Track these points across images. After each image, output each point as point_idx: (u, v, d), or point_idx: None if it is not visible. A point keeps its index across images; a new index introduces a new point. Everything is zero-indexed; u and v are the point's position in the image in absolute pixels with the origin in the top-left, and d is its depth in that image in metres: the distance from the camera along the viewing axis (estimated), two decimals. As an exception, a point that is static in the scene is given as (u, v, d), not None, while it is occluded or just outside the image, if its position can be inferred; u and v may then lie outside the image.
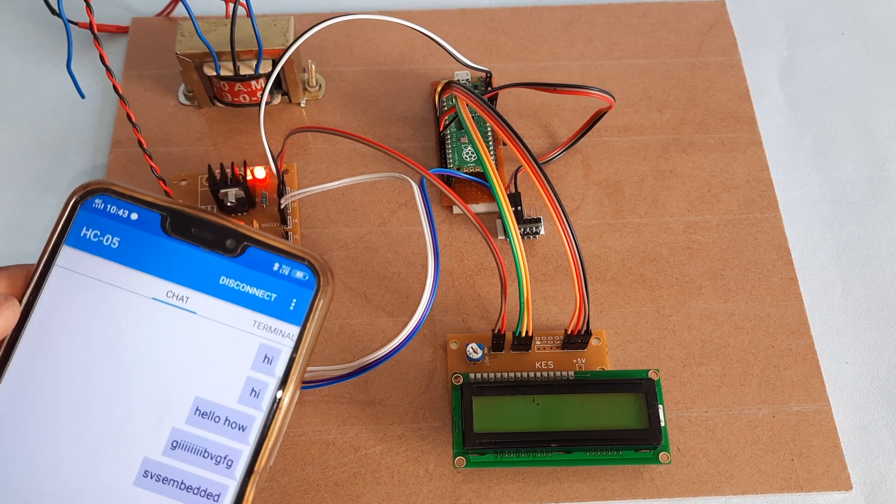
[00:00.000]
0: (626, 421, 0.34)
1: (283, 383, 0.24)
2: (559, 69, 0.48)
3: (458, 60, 0.42)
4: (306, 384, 0.36)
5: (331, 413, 0.37)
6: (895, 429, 0.38)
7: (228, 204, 0.40)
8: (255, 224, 0.41)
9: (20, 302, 0.23)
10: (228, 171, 0.40)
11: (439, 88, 0.41)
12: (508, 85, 0.41)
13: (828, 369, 0.39)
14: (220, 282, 0.24)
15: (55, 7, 0.43)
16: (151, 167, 0.38)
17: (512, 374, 0.35)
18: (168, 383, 0.24)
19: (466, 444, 0.33)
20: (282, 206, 0.40)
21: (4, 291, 0.23)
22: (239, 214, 0.41)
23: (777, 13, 0.51)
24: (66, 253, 0.24)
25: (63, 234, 0.24)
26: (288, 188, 0.42)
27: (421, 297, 0.34)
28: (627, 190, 0.43)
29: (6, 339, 0.23)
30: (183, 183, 0.42)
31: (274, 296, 0.24)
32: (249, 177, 0.41)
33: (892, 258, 0.42)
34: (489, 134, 0.43)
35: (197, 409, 0.23)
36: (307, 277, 0.24)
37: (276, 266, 0.24)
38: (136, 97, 0.46)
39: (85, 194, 0.24)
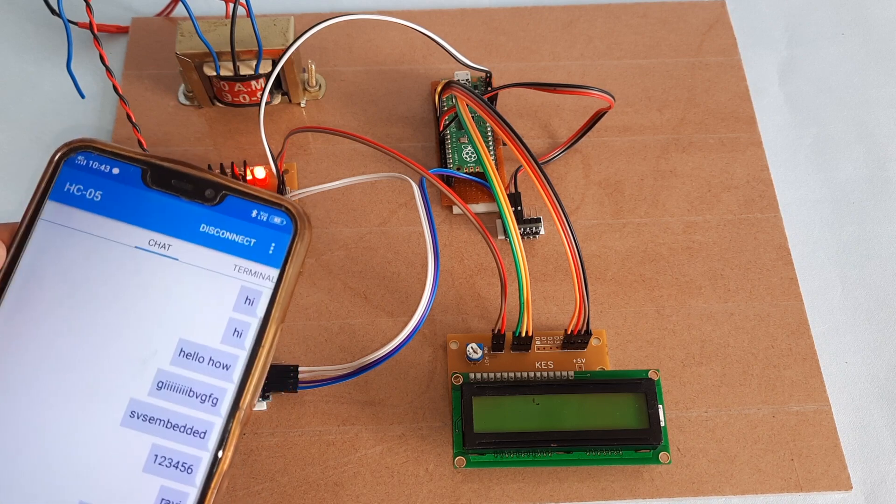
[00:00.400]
0: (625, 421, 0.34)
1: (264, 323, 0.25)
2: (559, 69, 0.48)
3: (458, 60, 0.42)
4: (306, 384, 0.36)
5: (331, 413, 0.37)
6: (895, 429, 0.38)
7: (228, 204, 0.40)
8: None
9: (6, 258, 0.24)
10: (228, 171, 0.40)
11: (439, 88, 0.41)
12: (508, 85, 0.41)
13: (828, 369, 0.39)
14: (201, 229, 0.25)
15: (55, 7, 0.43)
16: (151, 167, 0.37)
17: (512, 374, 0.35)
18: (152, 327, 0.24)
19: (466, 444, 0.33)
20: (282, 206, 0.40)
21: None
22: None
23: (777, 13, 0.51)
24: (51, 207, 0.25)
25: (47, 190, 0.25)
26: (288, 188, 0.42)
27: (421, 297, 0.35)
28: (627, 190, 0.43)
29: None
30: (183, 183, 0.42)
31: (253, 241, 0.25)
32: (249, 177, 0.41)
33: (892, 258, 0.42)
34: (489, 134, 0.43)
35: (181, 351, 0.24)
36: (284, 222, 0.25)
37: (255, 213, 0.25)
38: (136, 97, 0.46)
39: (68, 151, 0.25)
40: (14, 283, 0.25)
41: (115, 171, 0.25)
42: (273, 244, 0.25)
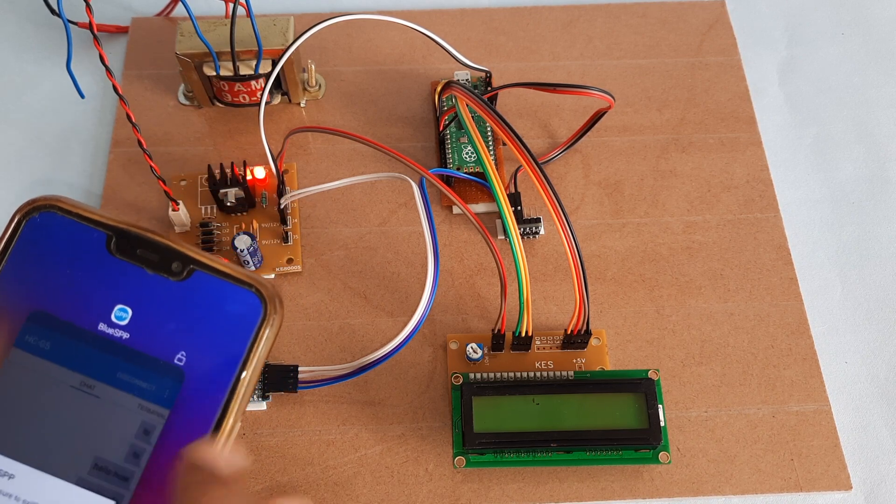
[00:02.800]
0: (625, 421, 0.34)
1: (221, 416, 0.23)
2: (559, 69, 0.48)
3: (457, 60, 0.42)
4: (306, 384, 0.36)
5: (331, 413, 0.37)
6: (895, 429, 0.38)
7: (228, 204, 0.40)
8: (256, 224, 0.41)
9: None
10: (228, 171, 0.40)
11: (439, 88, 0.41)
12: (508, 85, 0.41)
13: (827, 369, 0.39)
14: (163, 306, 0.24)
15: (55, 7, 0.43)
16: (151, 167, 0.37)
17: (512, 374, 0.35)
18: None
19: (466, 444, 0.33)
20: (281, 206, 0.40)
21: None
22: (238, 214, 0.41)
23: (777, 13, 0.51)
24: (7, 272, 0.24)
25: (5, 253, 0.24)
26: (288, 188, 0.42)
27: (421, 297, 0.35)
28: (627, 190, 0.43)
29: None
30: (183, 183, 0.42)
31: (220, 322, 0.23)
32: (249, 177, 0.41)
33: (892, 258, 0.42)
34: (489, 134, 0.43)
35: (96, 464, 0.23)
36: (254, 304, 0.23)
37: (223, 292, 0.24)
38: (135, 97, 0.46)
39: (30, 211, 0.24)
40: None
41: (79, 234, 0.24)
42: (240, 327, 0.23)
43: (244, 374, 0.23)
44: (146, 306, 0.23)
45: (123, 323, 0.23)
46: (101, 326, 0.23)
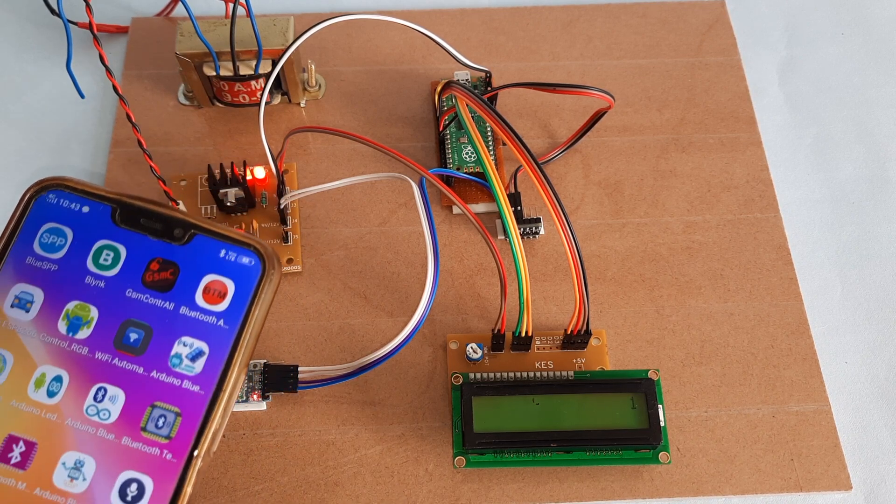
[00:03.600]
0: (625, 421, 0.34)
1: (226, 367, 0.24)
2: (559, 69, 0.48)
3: (457, 60, 0.42)
4: (306, 384, 0.36)
5: (331, 413, 0.37)
6: (895, 429, 0.38)
7: (228, 204, 0.40)
8: (255, 224, 0.41)
9: None
10: (228, 171, 0.40)
11: (439, 88, 0.41)
12: (508, 85, 0.41)
13: (827, 369, 0.39)
14: (167, 268, 0.25)
15: (55, 7, 0.43)
16: (151, 167, 0.37)
17: (512, 374, 0.35)
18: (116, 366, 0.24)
19: (466, 444, 0.33)
20: (281, 206, 0.40)
21: None
22: (238, 215, 0.41)
23: (777, 13, 0.51)
24: (20, 246, 0.25)
25: (16, 229, 0.25)
26: (288, 188, 0.42)
27: (421, 297, 0.35)
28: (627, 190, 0.43)
29: None
30: (183, 183, 0.42)
31: (222, 280, 0.25)
32: (249, 177, 0.41)
33: (892, 258, 0.42)
34: (489, 134, 0.43)
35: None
36: (253, 262, 0.25)
37: (223, 252, 0.25)
38: (135, 97, 0.46)
39: (39, 189, 0.26)
40: None
41: (86, 209, 0.25)
42: (242, 283, 0.25)
43: (246, 327, 0.24)
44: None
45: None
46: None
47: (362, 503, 0.35)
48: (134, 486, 0.23)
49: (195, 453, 0.23)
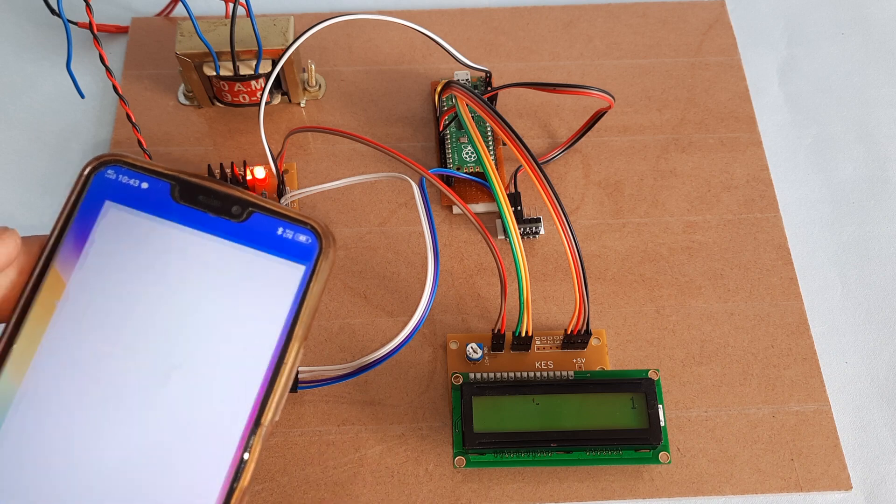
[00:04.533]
0: (625, 421, 0.34)
1: (287, 340, 0.25)
2: (559, 69, 0.48)
3: (457, 60, 0.42)
4: (306, 384, 0.36)
5: (331, 413, 0.37)
6: (895, 429, 0.38)
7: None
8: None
9: (34, 269, 0.24)
10: (228, 170, 0.40)
11: (439, 88, 0.41)
12: (508, 85, 0.41)
13: (827, 369, 0.39)
14: (227, 245, 0.25)
15: (55, 7, 0.43)
16: (151, 167, 0.37)
17: (512, 374, 0.35)
18: (182, 336, 0.25)
19: (466, 443, 0.33)
20: (282, 206, 0.40)
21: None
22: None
23: (777, 13, 0.51)
24: (80, 220, 0.25)
25: (77, 204, 0.25)
26: (288, 188, 0.42)
27: (421, 297, 0.35)
28: (627, 190, 0.43)
29: (22, 297, 0.24)
30: (183, 183, 0.42)
31: (279, 259, 0.25)
32: (249, 177, 0.41)
33: (892, 258, 0.42)
34: (489, 134, 0.43)
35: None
36: (310, 241, 0.25)
37: (280, 230, 0.25)
38: (135, 97, 0.46)
39: (98, 165, 0.25)
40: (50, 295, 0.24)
41: (144, 185, 0.25)
42: (298, 262, 0.25)
43: (304, 303, 0.25)
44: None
45: None
46: None
47: (362, 503, 0.35)
48: None
49: (260, 421, 0.24)
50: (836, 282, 0.42)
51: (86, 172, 0.25)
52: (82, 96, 0.38)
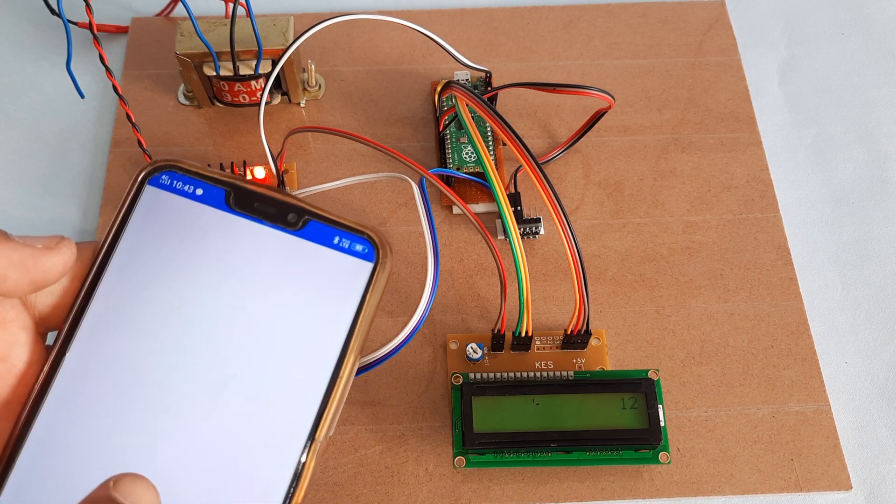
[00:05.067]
0: (625, 421, 0.34)
1: (342, 353, 0.24)
2: (559, 69, 0.48)
3: (457, 60, 0.42)
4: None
5: (331, 413, 0.37)
6: (895, 429, 0.38)
7: (228, 204, 0.40)
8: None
9: (87, 276, 0.24)
10: (228, 170, 0.40)
11: (439, 88, 0.41)
12: (508, 85, 0.41)
13: (827, 369, 0.39)
14: (281, 254, 0.25)
15: (55, 7, 0.43)
16: (151, 167, 0.37)
17: (512, 374, 0.35)
18: (239, 348, 0.24)
19: (466, 443, 0.33)
20: (282, 206, 0.40)
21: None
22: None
23: (777, 13, 0.51)
24: (133, 226, 0.25)
25: (131, 209, 0.25)
26: (288, 188, 0.42)
27: (421, 297, 0.34)
28: (627, 190, 0.43)
29: (75, 304, 0.24)
30: (183, 183, 0.42)
31: (335, 268, 0.25)
32: (249, 177, 0.41)
33: (892, 258, 0.42)
34: (489, 134, 0.43)
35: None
36: (367, 250, 0.25)
37: (337, 239, 0.25)
38: (135, 97, 0.46)
39: (152, 171, 0.25)
40: (93, 307, 0.24)
41: (199, 191, 0.25)
42: (354, 272, 0.25)
43: (361, 313, 0.24)
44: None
45: None
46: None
47: (362, 503, 0.35)
48: None
49: (315, 436, 0.23)
50: (836, 282, 0.42)
51: (140, 178, 0.25)
52: (82, 96, 0.38)
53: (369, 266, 0.25)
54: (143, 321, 0.24)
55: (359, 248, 0.25)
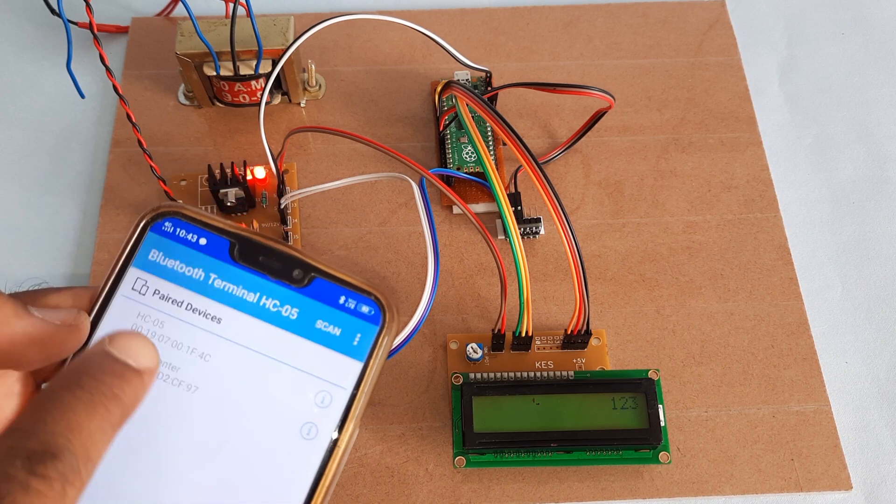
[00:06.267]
0: (625, 421, 0.34)
1: (341, 423, 0.23)
2: (559, 69, 0.48)
3: (457, 60, 0.42)
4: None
5: (331, 413, 0.37)
6: (895, 429, 0.38)
7: (228, 204, 0.40)
8: (255, 224, 0.41)
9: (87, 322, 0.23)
10: (228, 170, 0.40)
11: (439, 88, 0.41)
12: (508, 85, 0.41)
13: (828, 369, 0.39)
14: (284, 312, 0.24)
15: (55, 7, 0.43)
16: (151, 167, 0.38)
17: (512, 374, 0.35)
18: (227, 416, 0.23)
19: (466, 443, 0.33)
20: (282, 206, 0.40)
21: (74, 308, 0.23)
22: (239, 214, 0.41)
23: (777, 13, 0.51)
24: (132, 275, 0.24)
25: (131, 257, 0.24)
26: (288, 188, 0.42)
27: (421, 297, 0.34)
28: (627, 190, 0.43)
29: (67, 359, 0.23)
30: (183, 183, 0.42)
31: (339, 330, 0.24)
32: (249, 177, 0.41)
33: (892, 258, 0.42)
34: (489, 134, 0.43)
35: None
36: (373, 312, 0.24)
37: (343, 299, 0.24)
38: (135, 97, 0.46)
39: (155, 216, 0.24)
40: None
41: (203, 241, 0.24)
42: (359, 335, 0.23)
43: (363, 379, 0.23)
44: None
45: None
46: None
47: (362, 503, 0.35)
48: None
49: None
50: (836, 282, 0.42)
51: (142, 224, 0.24)
52: (82, 96, 0.38)
53: (375, 329, 0.23)
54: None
55: (365, 309, 0.24)
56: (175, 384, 0.23)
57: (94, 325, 0.23)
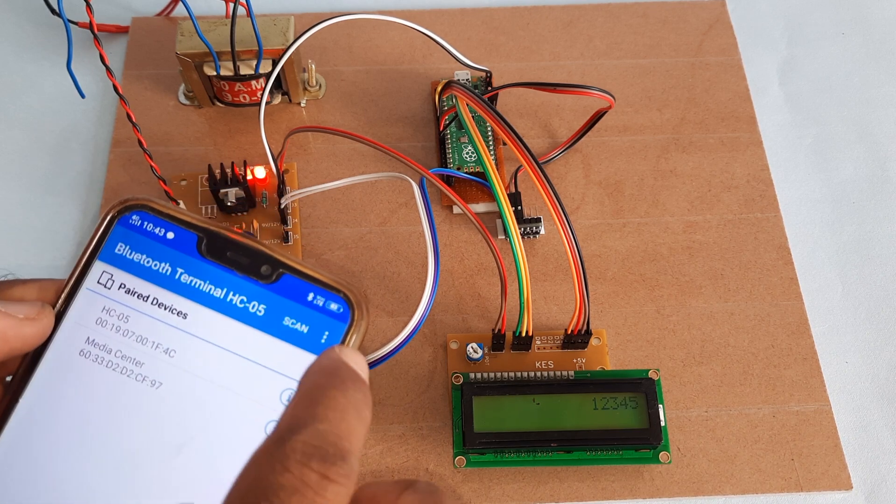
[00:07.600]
0: (625, 421, 0.34)
1: None
2: (559, 69, 0.48)
3: (458, 60, 0.42)
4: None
5: (331, 413, 0.37)
6: (895, 429, 0.38)
7: (228, 204, 0.40)
8: (256, 224, 0.41)
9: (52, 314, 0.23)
10: (228, 170, 0.40)
11: (439, 88, 0.41)
12: (508, 85, 0.41)
13: (828, 369, 0.39)
14: (251, 308, 0.23)
15: (55, 7, 0.43)
16: (151, 167, 0.38)
17: (512, 374, 0.35)
18: (189, 413, 0.23)
19: (466, 443, 0.33)
20: (282, 206, 0.40)
21: (38, 301, 0.23)
22: (239, 214, 0.41)
23: (777, 13, 0.51)
24: (98, 268, 0.24)
25: (97, 250, 0.24)
26: (288, 188, 0.42)
27: (421, 297, 0.34)
28: (627, 190, 0.43)
29: (31, 353, 0.23)
30: (183, 183, 0.42)
31: (306, 328, 0.23)
32: (249, 176, 0.41)
33: (892, 258, 0.42)
34: (489, 134, 0.43)
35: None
36: (342, 310, 0.23)
37: (311, 296, 0.23)
38: (136, 97, 0.46)
39: (122, 209, 0.24)
40: (53, 346, 0.23)
41: (170, 235, 0.24)
42: (327, 332, 0.23)
43: None
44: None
45: None
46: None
47: (362, 503, 0.35)
48: None
49: None
50: (836, 282, 0.42)
51: (109, 216, 0.24)
52: (82, 96, 0.38)
53: (343, 327, 0.23)
54: (99, 372, 0.23)
55: (333, 306, 0.23)
56: (139, 380, 0.23)
57: (59, 318, 0.23)
